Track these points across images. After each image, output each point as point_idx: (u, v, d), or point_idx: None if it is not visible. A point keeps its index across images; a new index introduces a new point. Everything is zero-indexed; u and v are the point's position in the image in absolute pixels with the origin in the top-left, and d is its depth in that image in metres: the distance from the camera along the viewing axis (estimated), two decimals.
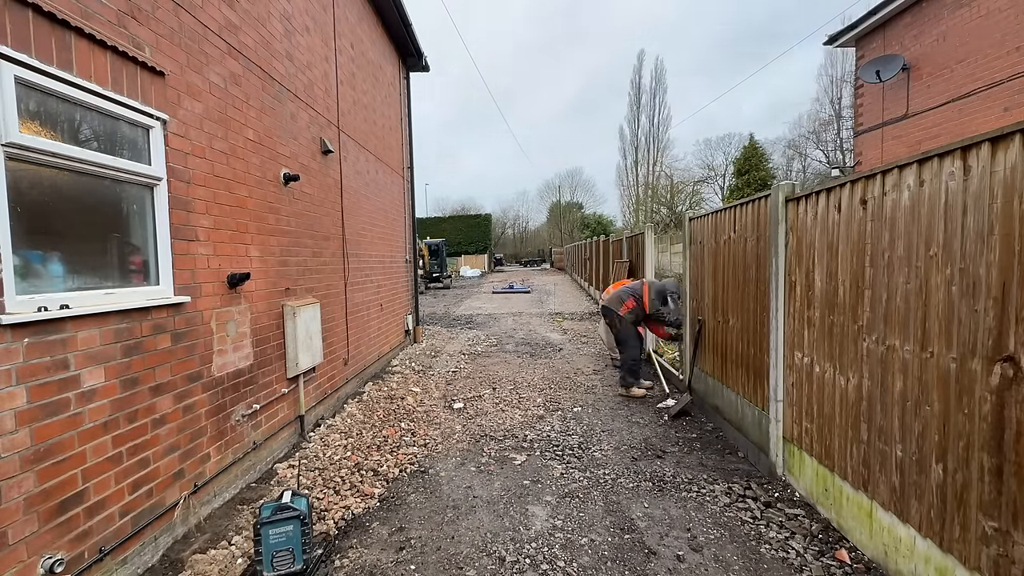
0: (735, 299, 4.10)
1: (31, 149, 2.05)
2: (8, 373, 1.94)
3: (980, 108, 6.89)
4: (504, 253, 51.11)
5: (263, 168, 3.91)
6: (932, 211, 2.06)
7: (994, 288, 1.78)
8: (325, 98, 5.25)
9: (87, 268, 2.42)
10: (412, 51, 8.36)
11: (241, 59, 3.63)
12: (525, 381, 6.28)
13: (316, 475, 3.57)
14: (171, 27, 2.90)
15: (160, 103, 2.79)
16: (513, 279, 27.39)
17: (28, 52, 2.04)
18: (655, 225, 19.93)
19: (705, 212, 4.89)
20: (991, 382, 1.79)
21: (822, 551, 2.59)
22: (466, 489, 3.42)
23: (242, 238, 3.58)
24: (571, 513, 3.07)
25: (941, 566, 2.03)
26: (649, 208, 39.03)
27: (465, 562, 2.60)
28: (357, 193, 6.17)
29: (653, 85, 40.24)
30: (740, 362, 4.00)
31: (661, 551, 2.65)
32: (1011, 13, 6.45)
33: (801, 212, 3.10)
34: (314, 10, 5.00)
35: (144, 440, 2.62)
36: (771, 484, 3.33)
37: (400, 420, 4.83)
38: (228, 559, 2.61)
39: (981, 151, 1.83)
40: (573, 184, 59.85)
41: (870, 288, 2.45)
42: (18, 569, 1.94)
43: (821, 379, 2.88)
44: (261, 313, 3.80)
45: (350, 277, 5.79)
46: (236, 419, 3.43)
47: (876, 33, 8.77)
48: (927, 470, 2.10)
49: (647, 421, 4.72)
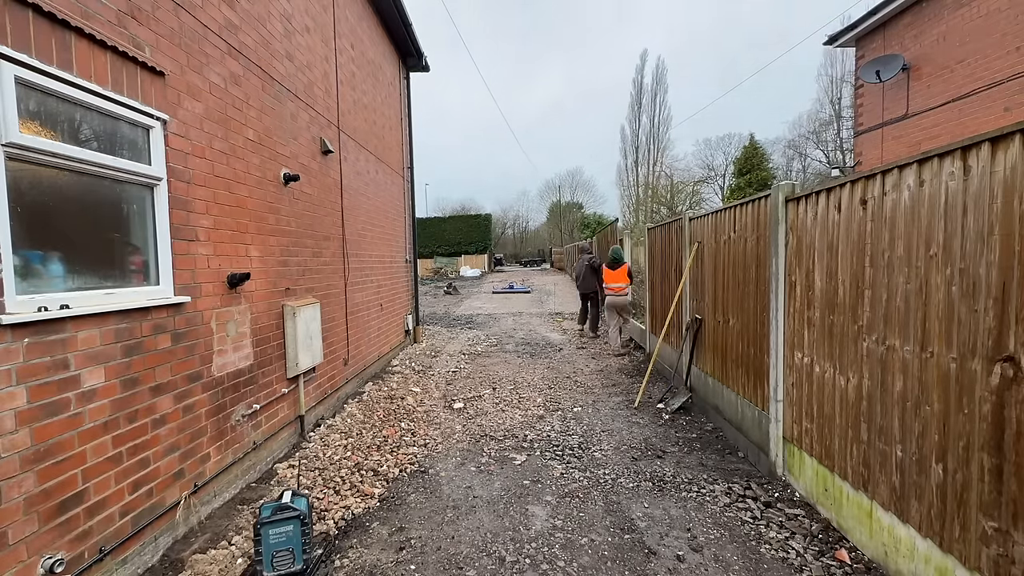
0: (735, 299, 4.10)
1: (31, 149, 2.05)
2: (8, 373, 1.94)
3: (980, 108, 6.89)
4: (504, 253, 51.08)
5: (263, 168, 3.91)
6: (932, 211, 2.06)
7: (994, 288, 1.78)
8: (325, 98, 5.25)
9: (87, 268, 2.42)
10: (412, 51, 8.36)
11: (241, 59, 3.63)
12: (525, 381, 6.28)
13: (316, 475, 3.58)
14: (171, 27, 2.90)
15: (160, 103, 2.79)
16: (513, 279, 27.38)
17: (28, 52, 2.04)
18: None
19: (705, 212, 4.89)
20: (991, 382, 1.79)
21: (822, 551, 2.59)
22: (466, 489, 3.42)
23: (242, 238, 3.58)
24: (571, 513, 3.07)
25: (941, 566, 2.03)
26: (649, 208, 39.00)
27: (465, 562, 2.60)
28: (357, 193, 6.17)
29: (654, 85, 40.18)
30: (740, 362, 4.00)
31: (661, 551, 2.65)
32: (1011, 13, 6.44)
33: (801, 212, 3.10)
34: (314, 10, 5.00)
35: (144, 440, 2.62)
36: (771, 484, 3.33)
37: (400, 420, 4.83)
38: (228, 559, 2.61)
39: (981, 151, 1.83)
40: (573, 184, 59.87)
41: (870, 288, 2.45)
42: (18, 569, 1.94)
43: (821, 379, 2.88)
44: (261, 313, 3.80)
45: (350, 277, 5.79)
46: (236, 419, 3.43)
47: (876, 33, 8.76)
48: (927, 470, 2.10)
49: (647, 421, 4.72)
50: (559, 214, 55.99)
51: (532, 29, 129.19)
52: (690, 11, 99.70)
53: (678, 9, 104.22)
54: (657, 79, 39.93)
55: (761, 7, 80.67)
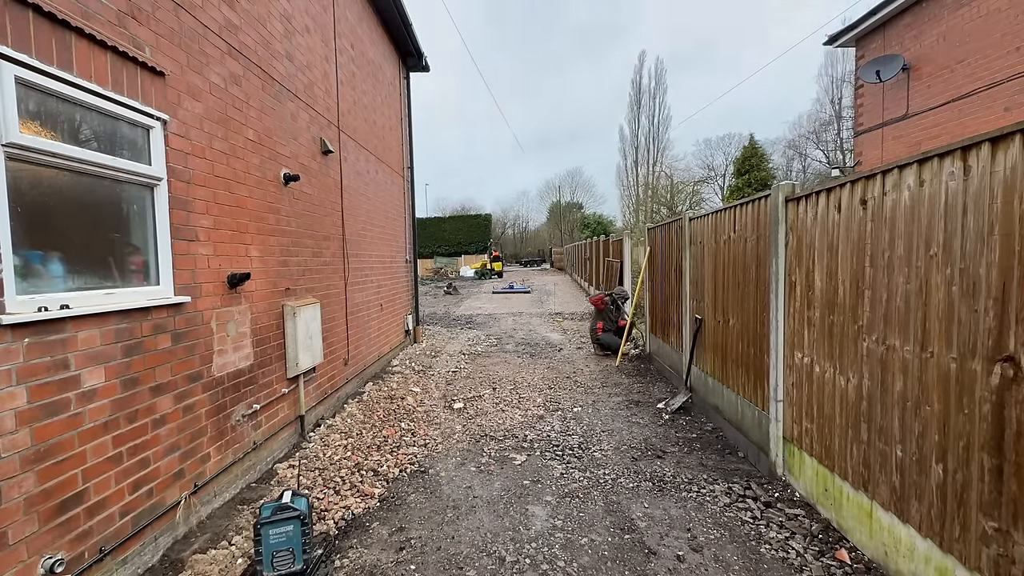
0: (735, 299, 4.10)
1: (31, 149, 2.05)
2: (8, 373, 1.94)
3: (980, 108, 6.89)
4: (504, 253, 51.11)
5: (263, 168, 3.91)
6: (932, 211, 2.06)
7: (994, 288, 1.78)
8: (325, 98, 5.25)
9: (87, 268, 2.42)
10: (412, 51, 8.36)
11: (241, 59, 3.63)
12: (525, 381, 6.28)
13: (316, 475, 3.58)
14: (171, 27, 2.90)
15: (160, 103, 2.79)
16: (513, 279, 27.39)
17: (28, 52, 2.04)
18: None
19: (705, 212, 4.90)
20: (991, 382, 1.79)
21: (822, 551, 2.59)
22: (466, 489, 3.42)
23: (242, 238, 3.58)
24: (571, 513, 3.07)
25: (941, 566, 2.03)
26: (649, 208, 38.99)
27: (465, 562, 2.60)
28: (357, 193, 6.17)
29: (653, 85, 40.16)
30: (740, 362, 4.00)
31: (661, 551, 2.65)
32: (1011, 13, 6.44)
33: (801, 212, 3.10)
34: (314, 10, 5.00)
35: (144, 440, 2.62)
36: (771, 484, 3.33)
37: (400, 420, 4.83)
38: (228, 559, 2.61)
39: (981, 151, 1.83)
40: (573, 184, 59.94)
41: (870, 288, 2.45)
42: (18, 569, 1.94)
43: (821, 379, 2.88)
44: (261, 313, 3.80)
45: (350, 277, 5.79)
46: (236, 419, 3.43)
47: (876, 33, 8.76)
48: (927, 470, 2.10)
49: (647, 421, 4.72)
50: (559, 214, 56.01)
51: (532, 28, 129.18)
52: (690, 11, 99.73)
53: (678, 9, 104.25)
54: (656, 79, 39.95)
55: (762, 7, 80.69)
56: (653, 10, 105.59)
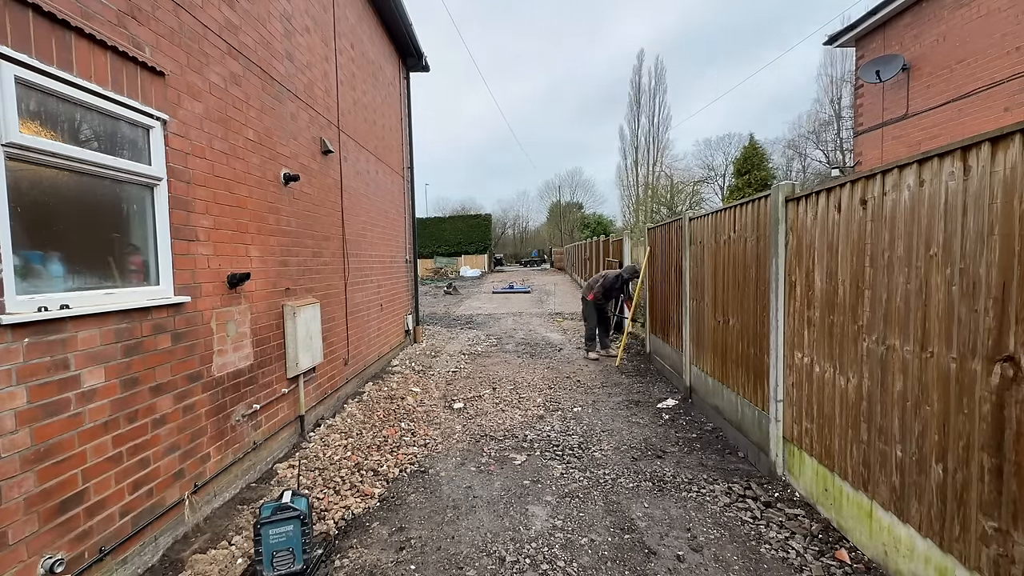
0: (735, 299, 4.10)
1: (31, 149, 2.05)
2: (8, 373, 1.94)
3: (980, 108, 6.89)
4: (504, 253, 51.09)
5: (263, 168, 3.91)
6: (932, 211, 2.06)
7: (994, 288, 1.78)
8: (325, 98, 5.25)
9: (87, 268, 2.41)
10: (412, 51, 8.36)
11: (241, 59, 3.63)
12: (525, 381, 6.28)
13: (316, 475, 3.58)
14: (171, 27, 2.90)
15: (160, 103, 2.79)
16: (513, 279, 27.39)
17: (28, 52, 2.04)
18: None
19: (705, 212, 4.89)
20: (991, 382, 1.80)
21: (822, 551, 2.59)
22: (466, 489, 3.42)
23: (242, 238, 3.58)
24: (571, 513, 3.07)
25: (941, 566, 2.03)
26: (649, 208, 38.97)
27: (465, 562, 2.60)
28: (357, 193, 6.17)
29: (652, 85, 40.10)
30: (740, 362, 4.00)
31: (661, 551, 2.65)
32: (1011, 13, 6.44)
33: (801, 212, 3.10)
34: (314, 10, 5.00)
35: (144, 440, 2.62)
36: (771, 484, 3.33)
37: (400, 420, 4.83)
38: (228, 559, 2.61)
39: (981, 151, 1.83)
40: (573, 184, 59.86)
41: (870, 288, 2.46)
42: (18, 569, 1.94)
43: (821, 379, 2.88)
44: (261, 313, 3.80)
45: (350, 277, 5.79)
46: (236, 419, 3.43)
47: (876, 33, 8.76)
48: (927, 470, 2.10)
49: (647, 421, 4.73)
50: (559, 214, 55.96)
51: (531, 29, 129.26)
52: (690, 10, 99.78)
53: (678, 8, 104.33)
54: (655, 79, 39.93)
55: (762, 7, 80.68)
56: (653, 10, 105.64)
